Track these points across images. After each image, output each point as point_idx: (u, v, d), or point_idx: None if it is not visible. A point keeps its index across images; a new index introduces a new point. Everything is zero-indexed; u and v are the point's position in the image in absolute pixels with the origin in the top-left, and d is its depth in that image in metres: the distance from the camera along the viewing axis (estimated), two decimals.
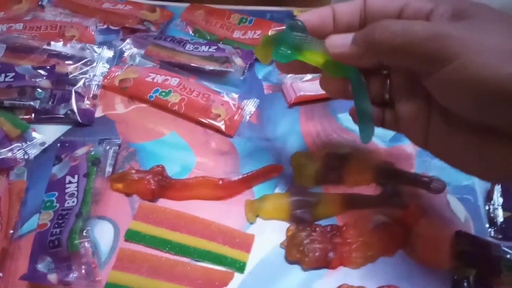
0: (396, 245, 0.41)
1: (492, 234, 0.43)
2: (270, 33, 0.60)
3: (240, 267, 0.39)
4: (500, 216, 0.43)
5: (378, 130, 0.34)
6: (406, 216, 0.42)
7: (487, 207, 0.44)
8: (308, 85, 0.53)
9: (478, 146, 0.27)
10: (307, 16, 0.32)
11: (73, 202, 0.41)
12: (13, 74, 0.49)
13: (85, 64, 0.53)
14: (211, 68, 0.54)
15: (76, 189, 0.42)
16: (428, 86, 0.27)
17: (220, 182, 0.44)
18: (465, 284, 0.39)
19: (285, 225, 0.42)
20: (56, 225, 0.39)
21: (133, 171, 0.44)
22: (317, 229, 0.41)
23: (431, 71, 0.26)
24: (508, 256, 0.40)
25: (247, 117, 0.51)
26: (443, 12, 0.27)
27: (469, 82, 0.24)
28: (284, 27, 0.56)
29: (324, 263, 0.39)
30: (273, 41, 0.33)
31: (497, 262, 0.39)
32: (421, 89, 0.29)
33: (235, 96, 0.52)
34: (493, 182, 0.44)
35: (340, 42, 0.29)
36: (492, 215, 0.43)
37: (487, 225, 0.43)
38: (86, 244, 0.38)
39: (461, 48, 0.24)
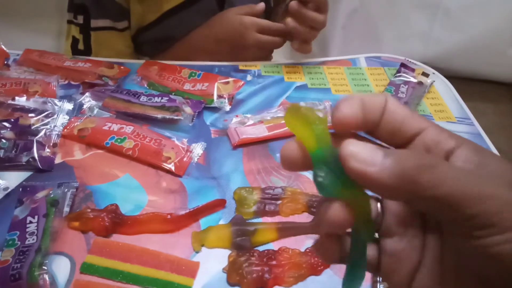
0: (323, 265, 0.46)
1: None
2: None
3: None
4: None
5: None
6: None
7: None
8: (250, 128, 0.60)
9: None
10: (347, 109, 0.25)
11: (33, 239, 0.45)
12: None
13: (46, 116, 0.58)
14: (163, 116, 0.60)
15: (36, 228, 0.47)
16: (469, 247, 0.22)
17: (169, 216, 0.49)
18: None
19: (227, 252, 0.47)
20: (17, 261, 0.43)
21: (89, 210, 0.49)
22: (255, 254, 0.46)
23: (476, 235, 0.21)
24: None
25: (195, 159, 0.57)
26: (467, 160, 0.24)
27: None
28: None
29: (261, 284, 0.44)
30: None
31: None
32: (418, 226, 0.26)
33: (185, 140, 0.58)
34: None
35: (366, 157, 0.22)
36: None
37: None
38: (44, 276, 0.42)
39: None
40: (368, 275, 0.30)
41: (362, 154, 0.22)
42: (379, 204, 0.27)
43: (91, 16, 0.77)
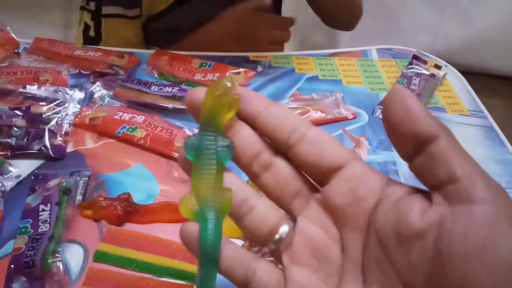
0: None
1: None
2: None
3: None
4: None
5: None
6: None
7: None
8: None
9: None
10: None
11: (46, 227, 0.45)
12: None
13: (57, 105, 0.58)
14: (174, 106, 0.60)
15: (48, 216, 0.47)
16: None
17: None
18: None
19: (240, 242, 0.47)
20: (30, 248, 0.43)
21: (101, 199, 0.49)
22: None
23: None
24: None
25: None
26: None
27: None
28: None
29: None
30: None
31: None
32: (336, 257, 0.25)
33: (196, 130, 0.58)
34: None
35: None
36: None
37: None
38: (57, 263, 0.42)
39: None
40: None
41: None
42: (289, 225, 0.26)
43: (103, 3, 0.76)
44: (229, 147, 0.26)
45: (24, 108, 0.56)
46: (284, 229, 0.26)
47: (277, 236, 0.26)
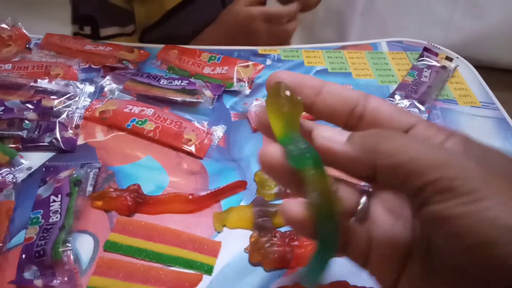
0: None
1: None
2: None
3: (208, 269, 0.44)
4: None
5: None
6: None
7: None
8: None
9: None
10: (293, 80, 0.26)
11: (56, 218, 0.46)
12: (2, 108, 0.55)
13: (68, 99, 0.59)
14: (183, 99, 0.60)
15: (59, 207, 0.47)
16: (435, 214, 0.21)
17: (190, 197, 0.49)
18: None
19: (249, 233, 0.47)
20: (41, 238, 0.44)
21: (112, 190, 0.49)
22: (277, 234, 0.46)
23: (439, 200, 0.20)
24: None
25: (216, 141, 0.56)
26: (454, 148, 0.24)
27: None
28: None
29: (283, 264, 0.44)
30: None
31: None
32: (409, 216, 0.24)
33: (205, 123, 0.58)
34: None
35: (332, 135, 0.24)
36: None
37: None
38: (68, 252, 0.43)
39: (487, 191, 0.19)
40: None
41: (328, 133, 0.24)
42: (365, 197, 0.26)
43: (100, 26, 0.77)
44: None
45: (35, 101, 0.56)
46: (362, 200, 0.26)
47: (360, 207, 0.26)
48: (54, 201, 0.48)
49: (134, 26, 0.81)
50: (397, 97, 0.63)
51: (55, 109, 0.57)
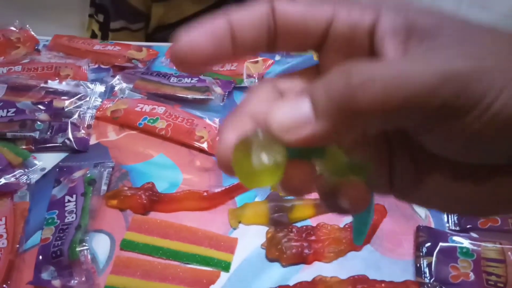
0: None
1: (451, 227, 0.48)
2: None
3: (225, 266, 0.44)
4: None
5: None
6: None
7: None
8: None
9: (462, 185, 0.20)
10: (195, 36, 0.19)
11: (72, 217, 0.46)
12: (14, 109, 0.55)
13: (79, 99, 0.59)
14: (193, 96, 0.60)
15: (74, 206, 0.47)
16: (439, 135, 0.18)
17: (205, 194, 0.49)
18: (427, 270, 0.43)
19: (264, 229, 0.47)
20: (57, 238, 0.44)
21: (126, 188, 0.49)
22: (294, 229, 0.46)
23: (452, 118, 0.17)
24: (463, 244, 0.45)
25: None
26: (394, 29, 0.19)
27: None
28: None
29: (301, 259, 0.44)
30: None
31: (454, 251, 0.44)
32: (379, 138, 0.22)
33: (217, 120, 0.57)
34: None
35: (294, 118, 0.17)
36: None
37: (445, 220, 0.48)
38: (85, 252, 0.43)
39: (502, 80, 0.16)
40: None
41: (285, 121, 0.17)
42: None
43: (110, 18, 0.80)
44: None
45: (46, 102, 0.56)
46: None
47: None
48: (69, 201, 0.47)
49: (142, 25, 0.81)
50: None
51: (66, 109, 0.57)
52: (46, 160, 0.53)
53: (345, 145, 0.20)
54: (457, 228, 0.48)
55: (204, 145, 0.54)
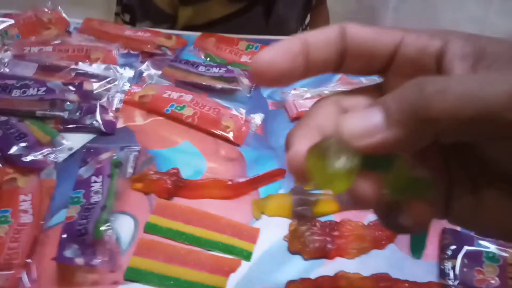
0: (387, 239, 0.45)
1: None
2: None
3: (246, 255, 0.44)
4: None
5: None
6: None
7: None
8: (309, 102, 0.59)
9: None
10: (273, 53, 0.20)
11: (98, 198, 0.46)
12: (44, 88, 0.55)
13: (108, 82, 0.59)
14: (221, 86, 0.60)
15: (101, 187, 0.47)
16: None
17: (229, 183, 0.49)
18: (451, 273, 0.43)
19: (287, 221, 0.46)
20: (83, 217, 0.44)
21: (152, 172, 0.49)
22: (317, 224, 0.45)
23: None
24: (489, 249, 0.44)
25: (254, 129, 0.56)
26: (463, 53, 0.19)
27: None
28: None
29: (323, 254, 0.44)
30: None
31: (479, 255, 0.44)
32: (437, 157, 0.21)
33: (243, 111, 0.57)
34: None
35: (366, 126, 0.18)
36: None
37: None
38: (110, 232, 0.43)
39: None
40: None
41: (357, 128, 0.18)
42: None
43: (137, 19, 0.81)
44: None
45: (76, 83, 0.57)
46: None
47: None
48: (95, 181, 0.48)
49: (167, 26, 0.82)
50: None
51: (95, 92, 0.57)
52: (74, 140, 0.53)
53: (411, 159, 0.20)
54: None
55: (230, 135, 0.54)
